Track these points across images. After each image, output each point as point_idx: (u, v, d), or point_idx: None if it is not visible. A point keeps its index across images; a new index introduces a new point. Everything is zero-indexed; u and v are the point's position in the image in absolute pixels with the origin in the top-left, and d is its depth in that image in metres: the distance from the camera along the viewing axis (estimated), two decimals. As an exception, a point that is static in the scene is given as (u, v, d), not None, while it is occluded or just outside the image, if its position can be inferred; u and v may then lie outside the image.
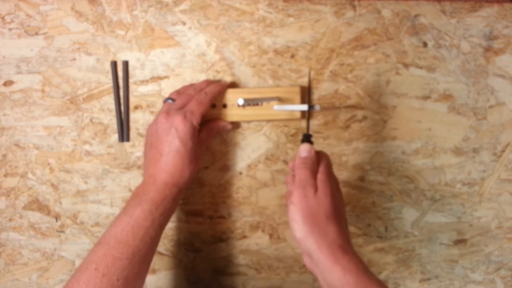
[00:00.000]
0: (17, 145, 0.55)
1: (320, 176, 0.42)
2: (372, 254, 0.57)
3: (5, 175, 0.55)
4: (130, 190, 0.55)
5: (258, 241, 0.57)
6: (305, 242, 0.39)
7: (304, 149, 0.44)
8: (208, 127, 0.51)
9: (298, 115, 0.52)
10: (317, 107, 0.49)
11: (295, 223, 0.40)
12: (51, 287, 0.57)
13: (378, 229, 0.57)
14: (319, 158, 0.45)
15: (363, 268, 0.39)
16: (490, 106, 0.55)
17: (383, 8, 0.53)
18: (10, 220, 0.56)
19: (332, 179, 0.43)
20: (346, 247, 0.39)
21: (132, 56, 0.54)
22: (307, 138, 0.46)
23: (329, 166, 0.44)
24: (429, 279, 0.58)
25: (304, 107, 0.50)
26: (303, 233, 0.40)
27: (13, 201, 0.56)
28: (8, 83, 0.54)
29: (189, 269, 0.57)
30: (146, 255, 0.43)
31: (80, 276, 0.40)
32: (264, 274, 0.57)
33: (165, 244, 0.56)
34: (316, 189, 0.41)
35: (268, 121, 0.54)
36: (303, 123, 0.54)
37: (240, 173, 0.55)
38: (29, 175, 0.55)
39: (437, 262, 0.57)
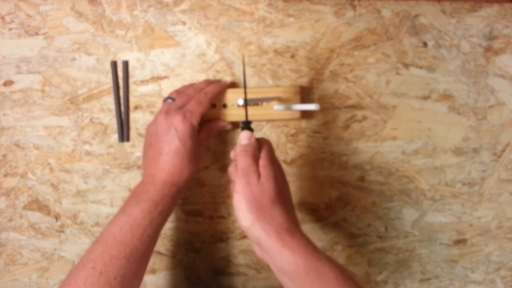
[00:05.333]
0: (17, 145, 0.55)
1: (262, 162, 0.42)
2: (372, 254, 0.57)
3: (5, 175, 0.55)
4: (130, 190, 0.55)
5: (258, 241, 0.56)
6: (253, 230, 0.38)
7: (244, 137, 0.44)
8: (208, 127, 0.51)
9: (298, 115, 0.52)
10: (312, 106, 0.50)
11: (241, 212, 0.39)
12: (51, 287, 0.57)
13: (378, 229, 0.57)
14: (261, 144, 0.44)
15: (312, 249, 0.38)
16: (490, 106, 0.55)
17: (383, 8, 0.53)
18: (10, 220, 0.56)
19: (274, 164, 0.43)
20: (293, 230, 0.39)
21: (132, 56, 0.54)
22: (247, 125, 0.45)
23: (271, 152, 0.43)
24: (429, 279, 0.58)
25: (309, 106, 0.49)
26: (250, 221, 0.38)
27: (13, 201, 0.56)
28: (8, 83, 0.54)
29: (189, 269, 0.57)
30: (144, 254, 0.43)
31: (77, 274, 0.40)
32: (264, 274, 0.57)
33: (165, 244, 0.56)
34: (259, 175, 0.40)
35: (268, 121, 0.54)
36: (303, 123, 0.54)
37: (240, 173, 0.55)
38: (29, 175, 0.55)
39: (437, 262, 0.57)
